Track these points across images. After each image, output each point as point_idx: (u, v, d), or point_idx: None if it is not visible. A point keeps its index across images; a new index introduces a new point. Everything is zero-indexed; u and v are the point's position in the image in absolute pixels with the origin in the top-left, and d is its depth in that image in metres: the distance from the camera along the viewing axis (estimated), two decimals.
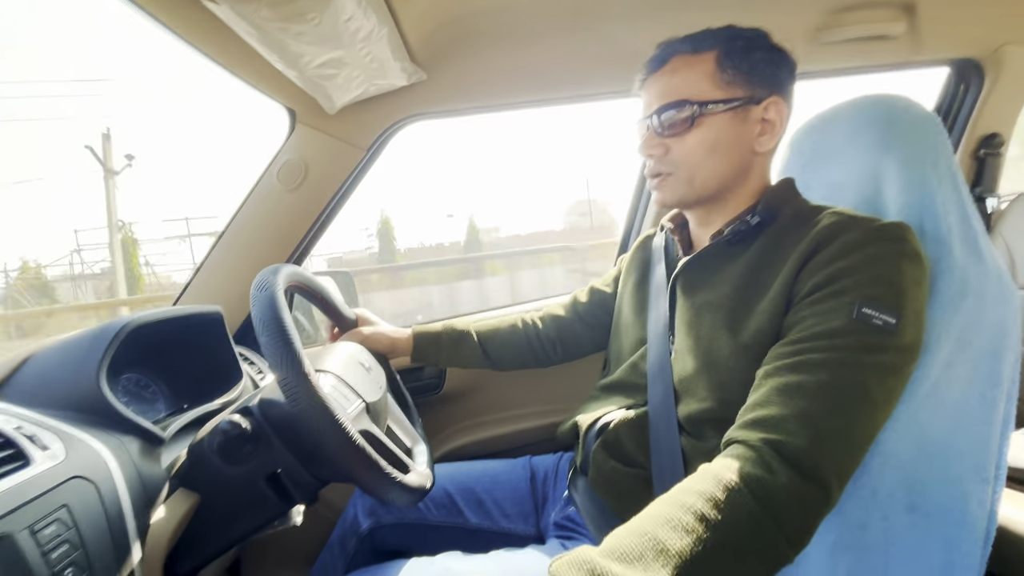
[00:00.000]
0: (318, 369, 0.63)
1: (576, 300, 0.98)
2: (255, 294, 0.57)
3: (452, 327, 0.94)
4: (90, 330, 0.61)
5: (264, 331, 0.53)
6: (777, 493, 0.44)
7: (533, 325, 0.97)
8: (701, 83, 0.64)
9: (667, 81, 0.66)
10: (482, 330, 0.95)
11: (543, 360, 0.98)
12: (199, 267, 0.99)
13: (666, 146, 0.67)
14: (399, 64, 0.84)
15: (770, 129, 0.66)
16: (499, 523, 0.85)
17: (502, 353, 0.95)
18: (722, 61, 0.64)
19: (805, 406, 0.48)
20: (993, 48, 1.17)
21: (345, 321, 0.89)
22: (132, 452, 0.53)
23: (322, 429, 0.51)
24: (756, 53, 0.65)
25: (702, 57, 0.65)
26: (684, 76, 0.65)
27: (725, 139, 0.65)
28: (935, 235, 0.62)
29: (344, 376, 0.65)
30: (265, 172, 0.97)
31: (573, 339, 0.96)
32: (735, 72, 0.64)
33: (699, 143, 0.65)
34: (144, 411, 0.74)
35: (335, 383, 0.62)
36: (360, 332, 0.87)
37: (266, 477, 0.59)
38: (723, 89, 0.64)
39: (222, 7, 0.55)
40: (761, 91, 0.65)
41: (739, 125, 0.65)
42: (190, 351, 0.79)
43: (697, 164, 0.66)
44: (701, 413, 0.62)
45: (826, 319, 0.53)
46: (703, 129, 0.65)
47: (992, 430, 0.59)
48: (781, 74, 0.67)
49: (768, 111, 0.66)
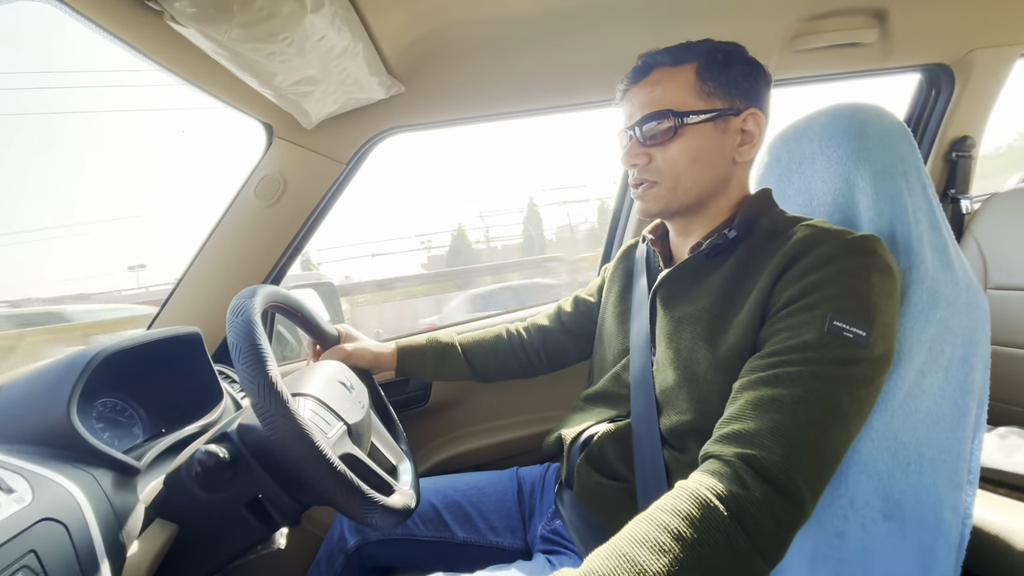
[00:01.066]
0: (297, 393, 0.62)
1: (561, 310, 0.98)
2: (231, 319, 0.56)
3: (436, 340, 0.93)
4: (60, 360, 0.60)
5: (240, 358, 0.53)
6: (751, 508, 0.45)
7: (518, 335, 0.97)
8: (682, 94, 0.65)
9: (649, 92, 0.67)
10: (467, 342, 0.95)
11: (529, 371, 0.98)
12: (176, 286, 0.97)
13: (649, 155, 0.68)
14: (376, 78, 0.84)
15: (749, 140, 0.67)
16: (486, 537, 0.85)
17: (487, 364, 0.95)
18: (702, 73, 0.66)
19: (779, 420, 0.49)
20: (963, 53, 1.20)
21: (326, 337, 0.88)
22: (105, 486, 0.52)
23: (302, 457, 0.50)
24: (735, 66, 0.66)
25: (683, 69, 0.66)
26: (666, 87, 0.66)
27: (707, 149, 0.66)
28: (906, 245, 0.63)
29: (324, 398, 0.64)
30: (242, 188, 0.96)
31: (558, 349, 0.96)
32: (715, 84, 0.65)
33: (682, 152, 0.66)
34: (121, 436, 0.72)
35: (315, 407, 0.62)
36: (343, 349, 0.86)
37: (247, 503, 0.58)
38: (704, 100, 0.65)
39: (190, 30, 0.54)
40: (740, 103, 0.66)
41: (720, 135, 0.66)
42: (168, 373, 0.78)
43: (680, 173, 0.67)
44: (683, 425, 0.63)
45: (799, 332, 0.53)
46: (685, 139, 0.66)
47: (964, 435, 0.60)
48: (758, 87, 0.68)
49: (747, 122, 0.67)
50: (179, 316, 0.97)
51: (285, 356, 1.24)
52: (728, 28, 1.03)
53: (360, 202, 35.85)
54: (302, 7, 0.57)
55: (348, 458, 0.60)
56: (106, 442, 0.69)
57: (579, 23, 0.96)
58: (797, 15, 1.05)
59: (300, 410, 0.59)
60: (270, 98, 0.77)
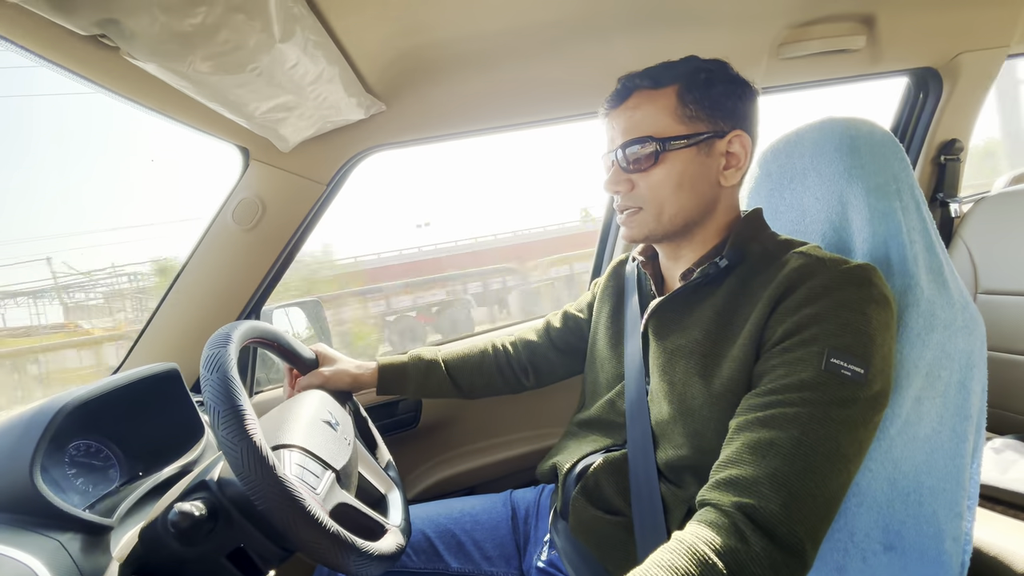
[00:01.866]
0: (280, 444, 0.60)
1: (549, 325, 0.95)
2: (205, 376, 0.53)
3: (419, 357, 0.91)
4: (22, 415, 0.57)
5: (219, 422, 0.50)
6: (750, 564, 0.43)
7: (504, 351, 0.95)
8: (663, 118, 0.63)
9: (629, 116, 0.65)
10: (450, 358, 0.92)
11: (515, 387, 0.95)
12: (151, 318, 0.94)
13: (632, 182, 0.66)
14: (355, 99, 0.81)
15: (735, 163, 0.65)
16: (480, 567, 0.83)
17: (472, 381, 0.92)
18: (683, 96, 0.63)
19: (777, 466, 0.47)
20: (950, 57, 1.19)
21: (304, 363, 0.85)
22: (73, 551, 0.49)
23: (293, 522, 0.48)
24: (717, 87, 0.64)
25: (663, 92, 0.64)
26: (646, 112, 0.64)
27: (690, 174, 0.64)
28: (901, 267, 0.62)
29: (309, 446, 0.62)
30: (219, 213, 0.93)
31: (546, 366, 0.94)
32: (697, 107, 0.63)
33: (665, 179, 0.64)
34: (96, 482, 0.69)
35: (300, 459, 0.59)
36: (321, 374, 0.83)
37: (228, 554, 0.56)
38: (686, 124, 0.63)
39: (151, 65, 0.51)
40: (724, 125, 0.64)
41: (704, 159, 0.64)
42: (145, 411, 0.75)
43: (664, 200, 0.65)
44: (679, 460, 0.61)
45: (795, 370, 0.52)
46: (668, 165, 0.64)
47: (963, 462, 0.59)
48: (743, 106, 0.66)
49: (732, 144, 0.65)
50: (156, 347, 0.94)
51: (271, 379, 1.21)
52: (716, 37, 1.01)
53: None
54: (270, 37, 0.54)
55: (339, 508, 0.58)
56: (79, 489, 0.66)
57: (564, 36, 0.94)
58: (785, 22, 1.03)
59: (285, 467, 0.57)
60: (243, 124, 0.74)
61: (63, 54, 0.56)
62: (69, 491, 0.63)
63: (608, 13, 0.90)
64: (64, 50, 0.55)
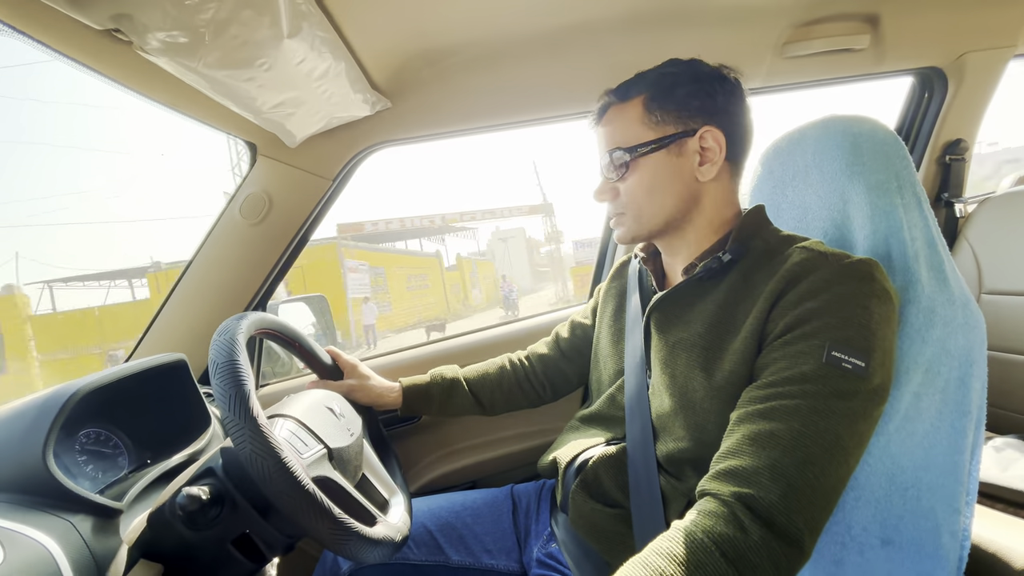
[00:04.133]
0: (276, 414, 0.61)
1: (559, 337, 0.97)
2: (215, 339, 0.57)
3: (441, 376, 0.92)
4: (35, 399, 0.58)
5: (216, 373, 0.53)
6: (749, 553, 0.44)
7: (521, 366, 0.96)
8: (632, 128, 0.67)
9: (605, 132, 0.70)
10: (471, 376, 0.94)
11: (535, 401, 0.97)
12: (161, 308, 0.95)
13: (616, 190, 0.70)
14: (361, 96, 0.82)
15: (710, 157, 0.66)
16: (481, 560, 0.83)
17: (494, 398, 0.94)
18: (648, 104, 0.66)
19: (777, 457, 0.48)
20: (955, 56, 1.19)
21: (323, 368, 0.86)
22: (84, 532, 0.51)
23: (269, 473, 0.48)
24: (681, 88, 0.65)
25: (631, 104, 0.68)
26: (616, 126, 0.68)
27: (662, 176, 0.66)
28: (902, 263, 0.62)
29: (305, 420, 0.63)
30: (227, 207, 0.94)
31: (560, 377, 0.96)
32: (662, 112, 0.66)
33: (638, 183, 0.67)
34: (105, 469, 0.70)
35: (293, 428, 0.60)
36: (346, 384, 0.86)
37: (234, 540, 0.57)
38: (653, 129, 0.66)
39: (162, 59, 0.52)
40: (693, 123, 0.65)
41: (675, 160, 0.66)
42: (154, 401, 0.76)
43: (641, 203, 0.68)
44: (680, 453, 0.62)
45: (797, 363, 0.52)
46: (639, 171, 0.67)
47: (962, 458, 0.59)
48: (713, 102, 0.66)
49: (704, 140, 0.65)
50: (164, 338, 0.95)
51: (276, 373, 1.22)
52: (719, 36, 1.02)
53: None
54: (278, 33, 0.55)
55: (324, 480, 0.59)
56: (89, 475, 0.68)
57: (568, 36, 0.94)
58: (788, 22, 1.03)
59: (276, 431, 0.58)
60: (251, 119, 0.75)
61: (77, 48, 0.57)
62: (80, 477, 0.65)
63: (611, 13, 0.91)
64: (78, 44, 0.57)
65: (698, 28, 0.98)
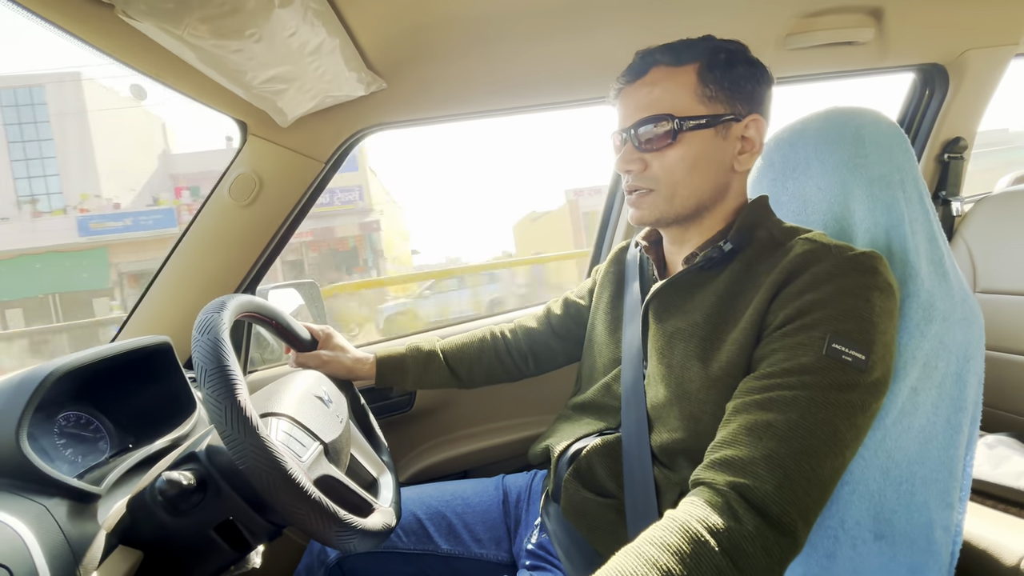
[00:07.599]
0: (268, 413, 0.59)
1: (550, 312, 0.95)
2: (196, 337, 0.53)
3: (417, 348, 0.90)
4: (10, 379, 0.56)
5: (206, 381, 0.50)
6: (743, 543, 0.43)
7: (503, 338, 0.94)
8: (683, 97, 0.61)
9: (647, 93, 0.62)
10: (449, 348, 0.92)
11: (515, 374, 0.95)
12: (146, 290, 0.93)
13: (645, 161, 0.64)
14: (355, 75, 0.80)
15: (750, 148, 0.64)
16: (471, 549, 0.83)
17: (472, 371, 0.92)
18: (704, 75, 0.61)
19: (774, 448, 0.47)
20: (958, 53, 1.18)
21: (302, 343, 0.84)
22: (59, 516, 0.49)
23: (274, 486, 0.48)
24: (738, 68, 0.62)
25: (684, 70, 0.62)
26: (665, 88, 0.62)
27: (706, 157, 0.62)
28: (903, 257, 0.62)
29: (298, 416, 0.61)
30: (216, 188, 0.92)
31: (547, 353, 0.94)
32: (717, 87, 0.62)
33: (680, 159, 0.62)
34: (85, 453, 0.68)
35: (288, 427, 0.59)
36: (319, 356, 0.83)
37: (216, 526, 0.55)
38: (705, 104, 0.61)
39: (146, 25, 0.50)
40: (742, 108, 0.63)
41: (720, 142, 0.63)
42: (137, 384, 0.74)
43: (678, 182, 0.63)
44: (674, 444, 0.61)
45: (796, 354, 0.51)
46: (684, 145, 0.62)
47: (957, 453, 0.59)
48: (760, 90, 0.64)
49: (749, 129, 0.63)
50: (150, 321, 0.93)
51: (265, 359, 1.20)
52: (722, 24, 1.00)
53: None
54: (269, 1, 0.52)
55: (324, 480, 0.58)
56: (68, 459, 0.66)
57: (570, 19, 0.92)
58: (792, 12, 1.02)
59: (272, 433, 0.56)
60: (241, 95, 0.73)
61: (55, 10, 0.54)
62: (58, 460, 0.63)
63: None
64: (56, 7, 0.54)
65: (700, 14, 0.96)
